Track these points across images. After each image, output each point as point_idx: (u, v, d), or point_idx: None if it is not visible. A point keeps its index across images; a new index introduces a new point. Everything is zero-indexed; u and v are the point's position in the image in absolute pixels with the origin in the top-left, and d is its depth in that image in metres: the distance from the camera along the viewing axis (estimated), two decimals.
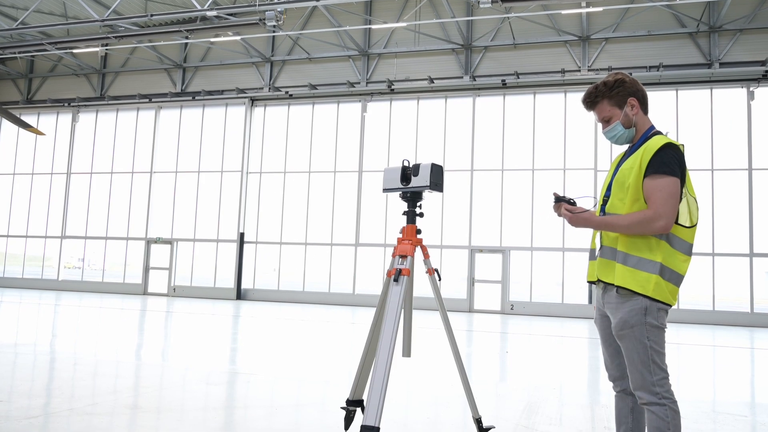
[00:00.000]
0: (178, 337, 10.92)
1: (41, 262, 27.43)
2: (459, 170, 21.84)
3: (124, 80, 26.77)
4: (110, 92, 26.81)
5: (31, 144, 27.74)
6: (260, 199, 24.38)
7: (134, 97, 26.12)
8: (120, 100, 26.42)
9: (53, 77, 27.87)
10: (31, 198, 27.64)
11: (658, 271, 2.92)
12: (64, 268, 26.89)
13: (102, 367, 7.07)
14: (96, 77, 27.15)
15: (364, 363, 3.94)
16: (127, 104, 26.44)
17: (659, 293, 2.92)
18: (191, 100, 25.42)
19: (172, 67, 25.75)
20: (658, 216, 2.87)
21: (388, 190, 4.03)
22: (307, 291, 23.25)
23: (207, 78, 25.44)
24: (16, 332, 10.41)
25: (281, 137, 24.46)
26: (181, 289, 24.51)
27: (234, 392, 6.03)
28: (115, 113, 26.88)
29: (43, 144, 27.40)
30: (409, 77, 22.59)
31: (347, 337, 12.16)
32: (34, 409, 4.83)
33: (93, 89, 27.13)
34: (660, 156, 2.94)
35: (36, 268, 27.42)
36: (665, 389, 2.92)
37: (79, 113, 27.38)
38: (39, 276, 27.04)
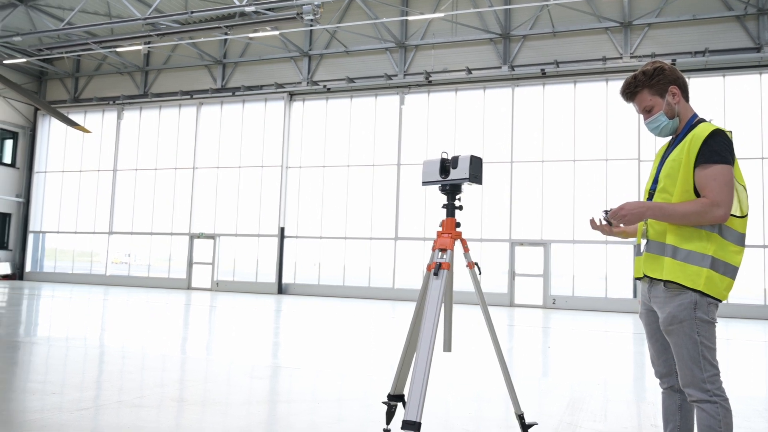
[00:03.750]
0: (222, 332, 11.09)
1: (90, 258, 28.21)
2: (498, 162, 21.62)
3: (166, 77, 27.25)
4: (153, 89, 27.34)
5: (78, 142, 28.48)
6: (300, 194, 24.56)
7: (176, 94, 26.58)
8: (162, 97, 26.92)
9: (98, 76, 28.54)
10: (80, 195, 28.40)
11: (709, 265, 2.83)
12: (111, 264, 27.59)
13: (149, 360, 7.23)
14: (139, 75, 27.70)
15: (404, 358, 3.92)
16: (170, 101, 26.92)
17: (711, 288, 2.83)
18: (231, 96, 25.74)
19: (212, 63, 26.10)
20: (717, 204, 2.78)
21: (427, 183, 4.00)
22: (347, 285, 23.37)
23: (246, 73, 25.71)
24: (67, 326, 10.71)
25: (320, 131, 24.58)
26: (224, 283, 24.90)
27: (277, 386, 6.09)
28: (158, 110, 27.40)
29: (89, 142, 28.10)
30: (447, 68, 22.43)
31: (388, 332, 12.18)
32: (84, 401, 4.96)
33: (136, 87, 27.69)
34: (710, 144, 2.85)
35: (85, 264, 28.22)
36: (716, 386, 2.83)
37: (124, 111, 28.00)
38: (88, 271, 27.81)
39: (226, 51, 26.01)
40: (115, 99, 27.77)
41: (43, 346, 7.95)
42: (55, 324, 11.03)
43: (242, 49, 25.73)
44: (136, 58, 27.23)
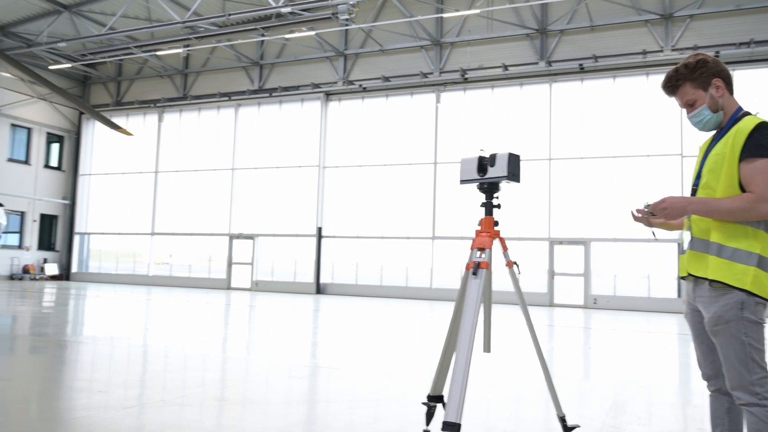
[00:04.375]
0: (261, 331, 11.21)
1: (133, 259, 28.84)
2: (536, 159, 21.36)
3: (205, 80, 27.67)
4: (192, 92, 27.79)
5: (121, 145, 29.11)
6: (337, 194, 24.66)
7: (215, 96, 26.97)
8: (201, 99, 27.35)
9: (140, 79, 29.13)
10: (123, 197, 29.04)
11: (756, 263, 2.74)
12: (154, 264, 28.14)
13: (190, 360, 7.34)
14: (179, 78, 28.18)
15: (444, 358, 3.90)
16: (209, 103, 27.32)
17: (758, 287, 2.74)
18: (268, 97, 26.00)
19: (249, 64, 26.40)
20: (764, 199, 2.68)
21: (465, 182, 3.96)
22: (384, 285, 23.37)
23: (283, 74, 25.94)
24: (111, 326, 10.96)
25: (356, 131, 24.65)
26: (263, 283, 25.15)
27: (316, 386, 6.13)
28: (197, 112, 27.84)
29: (132, 144, 28.69)
30: (483, 65, 22.25)
31: (426, 332, 12.15)
32: (129, 399, 5.06)
33: (176, 89, 28.18)
34: (755, 137, 2.75)
35: (128, 264, 28.86)
36: (766, 389, 2.74)
37: (164, 113, 28.52)
38: (131, 272, 28.42)
39: (263, 52, 26.27)
40: (156, 102, 28.31)
41: (89, 345, 8.15)
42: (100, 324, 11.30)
43: (279, 50, 25.95)
44: (175, 61, 27.71)
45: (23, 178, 27.80)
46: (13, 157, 27.67)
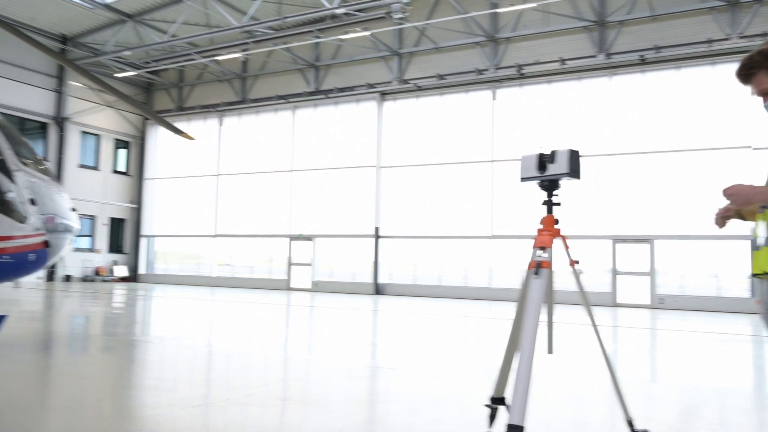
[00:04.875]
0: (321, 332, 11.33)
1: (196, 260, 29.62)
2: (597, 155, 20.81)
3: (263, 83, 28.16)
4: (251, 95, 28.33)
5: (183, 149, 29.92)
6: (394, 194, 24.67)
7: (272, 99, 27.41)
8: (259, 102, 27.85)
9: (200, 85, 29.90)
10: (186, 200, 29.86)
11: None
12: (216, 265, 28.82)
13: (253, 359, 7.47)
14: (238, 82, 28.78)
15: (506, 360, 3.83)
16: (266, 105, 27.79)
17: None
18: (324, 98, 26.24)
19: (305, 66, 26.72)
20: None
21: (526, 179, 3.89)
22: (443, 285, 23.22)
23: (339, 75, 26.13)
24: (177, 326, 11.28)
25: (411, 130, 24.59)
26: (322, 284, 25.39)
27: (375, 386, 6.14)
28: (255, 115, 28.36)
29: (193, 148, 29.43)
30: (539, 60, 21.85)
31: (485, 332, 12.03)
32: (195, 398, 5.19)
33: (235, 93, 28.79)
34: None
35: (192, 266, 29.66)
36: None
37: (224, 117, 29.18)
38: (195, 273, 29.18)
39: (319, 54, 26.54)
40: (216, 106, 29.00)
41: (157, 345, 8.41)
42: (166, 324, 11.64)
43: (334, 51, 26.17)
44: (234, 66, 28.31)
45: (93, 183, 28.93)
46: (84, 163, 28.84)
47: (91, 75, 7.32)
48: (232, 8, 23.37)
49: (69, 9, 24.31)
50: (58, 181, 7.64)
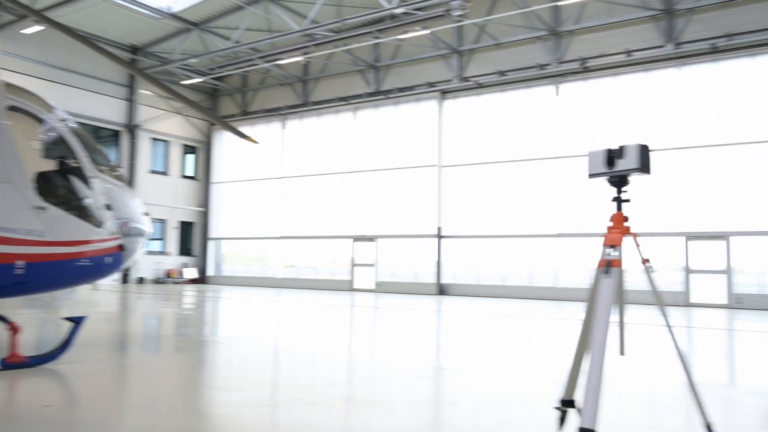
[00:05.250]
0: (385, 332, 11.35)
1: (262, 262, 30.22)
2: (667, 149, 20.06)
3: (324, 85, 28.48)
4: (312, 98, 28.70)
5: (248, 153, 30.58)
6: (456, 193, 24.48)
7: (333, 101, 27.68)
8: (321, 105, 28.18)
9: (263, 89, 30.50)
10: (251, 202, 30.51)
11: None
12: (281, 267, 29.32)
13: (318, 360, 7.54)
14: (299, 85, 29.21)
15: (576, 361, 3.74)
16: (328, 108, 28.09)
17: None
18: (384, 99, 26.32)
19: (365, 67, 26.87)
20: None
21: (594, 176, 3.80)
22: (507, 285, 22.88)
23: (398, 75, 26.15)
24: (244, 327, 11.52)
25: (473, 128, 24.36)
26: (385, 284, 25.45)
27: (440, 387, 6.09)
28: (317, 117, 28.71)
29: (258, 152, 30.04)
30: (604, 52, 21.22)
31: (551, 333, 11.79)
32: (262, 398, 5.27)
33: (297, 96, 29.23)
34: None
35: (258, 267, 30.29)
36: None
37: (287, 120, 29.67)
38: (261, 274, 29.78)
39: (378, 54, 26.63)
40: (279, 109, 29.52)
41: (225, 345, 8.61)
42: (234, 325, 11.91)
43: (393, 51, 26.21)
44: (295, 69, 28.74)
45: (163, 187, 29.94)
46: (154, 169, 29.89)
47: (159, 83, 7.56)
48: (293, 12, 23.74)
49: (139, 20, 25.26)
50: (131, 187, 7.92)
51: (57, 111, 6.99)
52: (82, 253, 6.70)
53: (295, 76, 28.94)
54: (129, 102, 28.60)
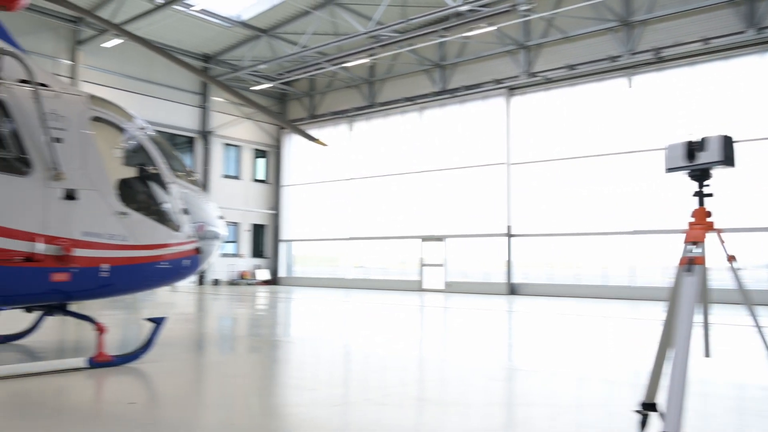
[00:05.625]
0: (455, 332, 11.27)
1: (332, 263, 30.61)
2: (751, 140, 19.01)
3: (390, 86, 28.58)
4: (379, 99, 28.86)
5: (316, 155, 31.03)
6: (525, 191, 24.07)
7: (400, 101, 27.75)
8: (387, 106, 28.30)
9: (330, 92, 30.90)
10: (320, 204, 30.95)
11: None
12: (351, 267, 29.60)
13: (389, 360, 7.56)
14: (366, 87, 29.43)
15: (657, 363, 3.60)
16: (394, 108, 28.18)
17: None
18: (451, 97, 26.17)
19: (431, 67, 26.80)
20: None
21: (672, 170, 3.65)
22: (580, 284, 22.30)
23: (464, 73, 25.95)
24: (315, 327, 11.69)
25: (542, 124, 23.89)
26: (455, 284, 25.29)
27: (514, 389, 5.99)
28: (384, 118, 28.85)
29: (326, 154, 30.44)
30: (679, 41, 20.39)
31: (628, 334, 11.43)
32: (335, 397, 5.32)
33: (364, 98, 29.45)
34: None
35: (328, 268, 30.70)
36: None
37: (354, 122, 29.94)
38: (331, 275, 30.16)
39: (444, 53, 26.51)
40: (346, 112, 29.84)
41: (298, 345, 8.75)
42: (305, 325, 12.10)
43: (459, 49, 26.03)
44: (362, 71, 28.98)
45: (235, 191, 30.78)
46: (227, 173, 30.77)
47: (231, 89, 7.77)
48: (358, 15, 23.94)
49: (210, 29, 26.08)
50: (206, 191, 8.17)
51: (137, 120, 7.28)
52: (161, 256, 6.96)
53: (362, 77, 29.18)
54: (202, 109, 29.56)
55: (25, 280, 5.92)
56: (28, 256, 5.85)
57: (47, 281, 6.05)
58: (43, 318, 7.92)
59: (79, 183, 6.23)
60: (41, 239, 5.90)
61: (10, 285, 5.86)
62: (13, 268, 5.81)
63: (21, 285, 5.94)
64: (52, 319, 8.35)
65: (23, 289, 6.01)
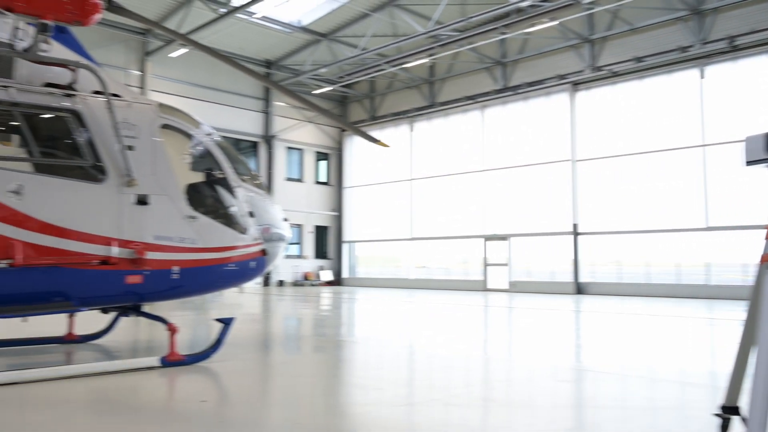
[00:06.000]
0: (521, 332, 11.09)
1: (395, 263, 30.68)
2: None
3: (450, 85, 28.43)
4: (439, 99, 28.76)
5: (377, 157, 31.18)
6: (592, 188, 23.47)
7: (461, 100, 27.56)
8: (448, 105, 28.15)
9: (391, 93, 30.99)
10: (382, 205, 31.08)
11: None
12: (414, 268, 29.59)
13: (454, 360, 7.50)
14: (426, 87, 29.37)
15: (738, 364, 3.43)
16: (455, 108, 28.01)
17: None
18: (513, 95, 25.80)
19: (492, 64, 26.51)
20: None
21: (752, 163, 3.47)
22: (651, 283, 21.56)
23: (526, 70, 25.54)
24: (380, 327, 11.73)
25: (608, 119, 23.23)
26: (520, 284, 24.90)
27: (582, 390, 5.83)
28: (444, 118, 28.71)
29: (387, 155, 30.53)
30: (755, 28, 19.43)
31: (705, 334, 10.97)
32: (400, 397, 5.32)
33: (424, 98, 29.41)
34: None
35: (391, 269, 30.78)
36: None
37: (415, 122, 29.92)
38: (394, 276, 30.23)
39: (505, 50, 26.17)
40: (407, 112, 29.86)
41: (362, 345, 8.80)
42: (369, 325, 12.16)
43: (520, 45, 25.64)
44: (422, 71, 28.94)
45: (298, 194, 31.27)
46: (290, 176, 31.31)
47: (293, 94, 7.89)
48: (417, 15, 23.91)
49: (271, 36, 26.60)
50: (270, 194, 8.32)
51: (203, 126, 7.48)
52: (229, 258, 7.12)
53: (422, 78, 29.14)
54: (265, 114, 30.16)
55: (102, 282, 6.18)
56: (104, 259, 6.09)
57: (122, 283, 6.29)
58: (118, 319, 8.24)
59: (150, 188, 6.45)
60: (116, 243, 6.14)
61: (88, 287, 6.12)
62: (91, 271, 6.06)
63: (98, 287, 6.19)
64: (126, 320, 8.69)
65: (100, 291, 6.27)
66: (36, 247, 5.72)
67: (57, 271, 5.88)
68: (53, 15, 5.56)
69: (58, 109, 6.23)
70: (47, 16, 5.53)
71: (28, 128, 6.21)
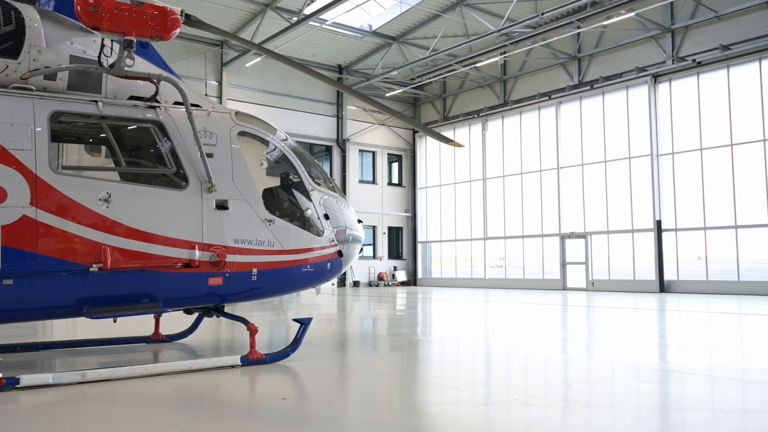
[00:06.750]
0: (602, 332, 10.79)
1: (469, 263, 30.47)
2: None
3: (523, 83, 27.99)
4: (512, 97, 28.37)
5: (449, 157, 31.08)
6: (675, 183, 22.55)
7: (534, 98, 27.08)
8: (521, 103, 27.72)
9: (462, 93, 30.82)
10: (455, 205, 30.94)
11: None
12: (489, 267, 29.30)
13: (532, 360, 7.38)
14: (498, 85, 29.04)
15: None
16: (529, 105, 27.55)
17: None
18: (589, 90, 25.14)
19: (567, 60, 25.93)
20: None
21: None
22: (744, 281, 20.49)
23: (603, 63, 24.83)
24: (455, 327, 11.67)
25: (691, 112, 22.27)
26: (600, 282, 24.22)
27: (668, 391, 5.62)
28: (518, 116, 28.28)
29: (459, 155, 30.42)
30: None
31: None
32: (478, 397, 5.28)
33: (497, 97, 29.08)
34: None
35: (465, 269, 30.58)
36: None
37: (487, 121, 29.63)
38: (468, 275, 30.03)
39: (580, 45, 25.54)
40: (479, 112, 29.60)
41: (438, 345, 8.78)
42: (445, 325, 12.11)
43: (596, 39, 24.95)
44: (493, 70, 28.63)
45: (372, 195, 31.56)
46: (363, 179, 31.64)
47: (366, 97, 7.98)
48: (489, 14, 23.68)
49: (342, 41, 26.99)
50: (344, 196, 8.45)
51: (279, 132, 7.68)
52: (306, 260, 7.28)
53: (494, 76, 28.84)
54: (337, 118, 30.61)
55: (185, 284, 6.44)
56: (188, 262, 6.36)
57: (204, 285, 6.54)
58: (201, 319, 8.57)
59: (229, 194, 6.68)
60: (198, 247, 6.39)
61: (172, 289, 6.40)
62: (175, 273, 6.34)
63: (182, 289, 6.47)
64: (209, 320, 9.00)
65: (184, 293, 6.54)
66: (124, 252, 6.03)
67: (144, 274, 6.18)
68: (136, 32, 5.84)
69: (143, 120, 6.55)
70: (131, 33, 5.82)
71: (115, 139, 6.60)
